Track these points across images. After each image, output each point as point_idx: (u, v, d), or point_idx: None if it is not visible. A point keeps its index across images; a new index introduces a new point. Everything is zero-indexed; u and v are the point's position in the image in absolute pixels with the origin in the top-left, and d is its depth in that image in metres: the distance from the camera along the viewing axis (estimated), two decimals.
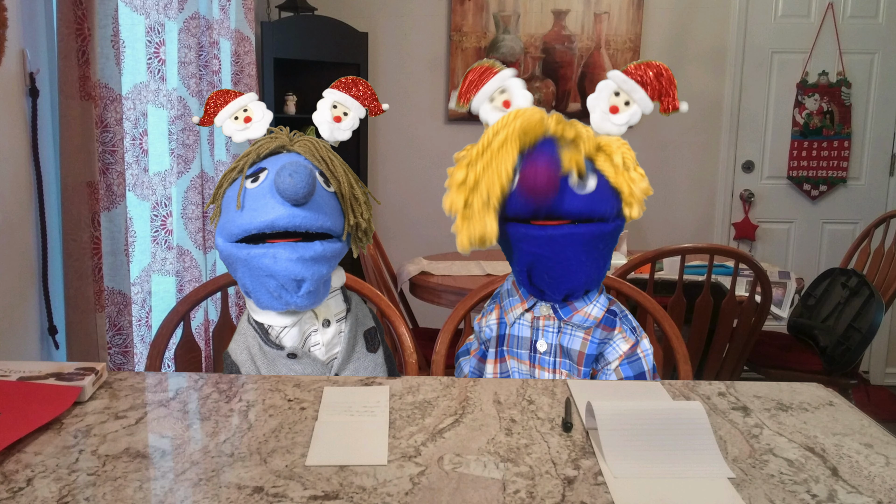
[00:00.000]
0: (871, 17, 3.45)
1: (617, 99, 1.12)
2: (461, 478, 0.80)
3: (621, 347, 1.18)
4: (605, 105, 1.12)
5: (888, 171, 3.56)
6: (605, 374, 1.18)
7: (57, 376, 1.01)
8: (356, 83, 1.25)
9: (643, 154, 4.15)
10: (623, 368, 1.18)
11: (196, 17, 2.08)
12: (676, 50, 3.50)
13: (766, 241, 3.65)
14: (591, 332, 1.17)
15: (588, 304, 1.17)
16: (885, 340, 3.63)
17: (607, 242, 1.12)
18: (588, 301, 1.18)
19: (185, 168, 2.05)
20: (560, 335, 1.18)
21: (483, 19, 3.44)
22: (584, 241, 1.09)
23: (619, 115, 1.12)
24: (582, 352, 1.17)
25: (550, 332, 1.19)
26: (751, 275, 2.17)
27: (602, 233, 1.10)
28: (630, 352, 1.18)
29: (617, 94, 1.12)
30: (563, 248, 1.09)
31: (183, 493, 0.76)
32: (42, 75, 1.53)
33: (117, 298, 1.67)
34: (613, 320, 1.19)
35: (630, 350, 1.18)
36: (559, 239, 1.08)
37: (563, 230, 1.08)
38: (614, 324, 1.18)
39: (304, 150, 1.14)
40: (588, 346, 1.17)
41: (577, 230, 1.08)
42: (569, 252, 1.09)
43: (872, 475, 0.82)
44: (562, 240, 1.08)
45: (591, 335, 1.17)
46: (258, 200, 1.07)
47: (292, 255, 1.06)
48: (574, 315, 1.17)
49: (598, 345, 1.17)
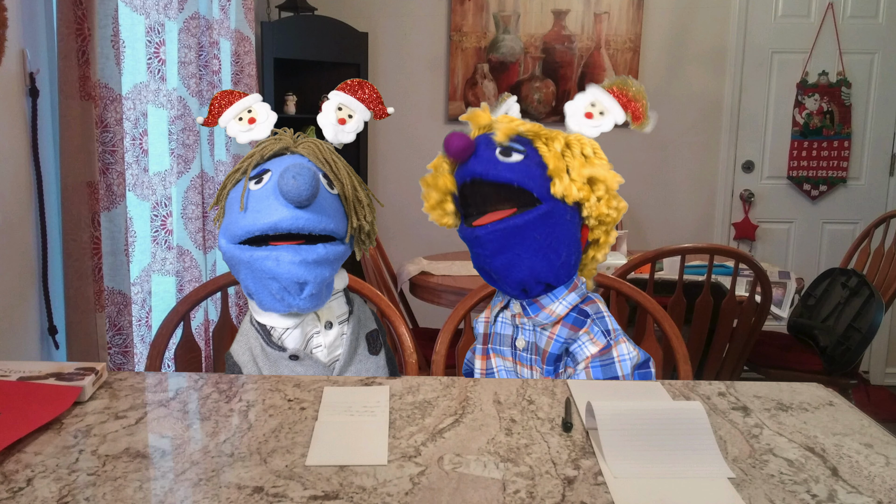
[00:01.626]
0: (871, 17, 3.45)
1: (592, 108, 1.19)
2: (461, 478, 0.80)
3: (588, 349, 1.16)
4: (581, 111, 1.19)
5: (888, 171, 3.56)
6: (576, 375, 1.17)
7: (57, 376, 1.01)
8: (362, 85, 1.24)
9: (643, 154, 4.13)
10: (594, 370, 1.15)
11: (196, 17, 2.08)
12: (676, 50, 3.50)
13: (766, 241, 3.65)
14: (557, 329, 1.17)
15: (554, 301, 1.17)
16: (885, 340, 3.63)
17: (544, 230, 1.11)
18: (554, 298, 1.17)
19: (185, 168, 2.05)
20: (534, 333, 1.20)
21: (483, 19, 3.44)
22: (509, 234, 1.11)
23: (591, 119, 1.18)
24: (546, 350, 1.17)
25: (528, 330, 1.20)
26: (751, 275, 2.17)
27: (528, 221, 1.10)
28: (600, 354, 1.16)
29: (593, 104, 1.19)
30: (491, 244, 1.13)
31: (183, 493, 0.76)
32: (42, 75, 1.53)
33: (117, 298, 1.67)
34: (583, 320, 1.17)
35: (600, 353, 1.16)
36: (484, 237, 1.12)
37: (486, 228, 1.12)
38: (582, 324, 1.17)
39: (308, 151, 1.14)
40: (552, 345, 1.16)
41: (498, 226, 1.11)
42: (498, 247, 1.12)
43: (872, 475, 0.82)
44: (487, 237, 1.12)
45: (556, 333, 1.17)
46: (261, 202, 1.07)
47: (295, 257, 1.06)
48: (540, 312, 1.17)
49: (563, 343, 1.16)
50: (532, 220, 1.10)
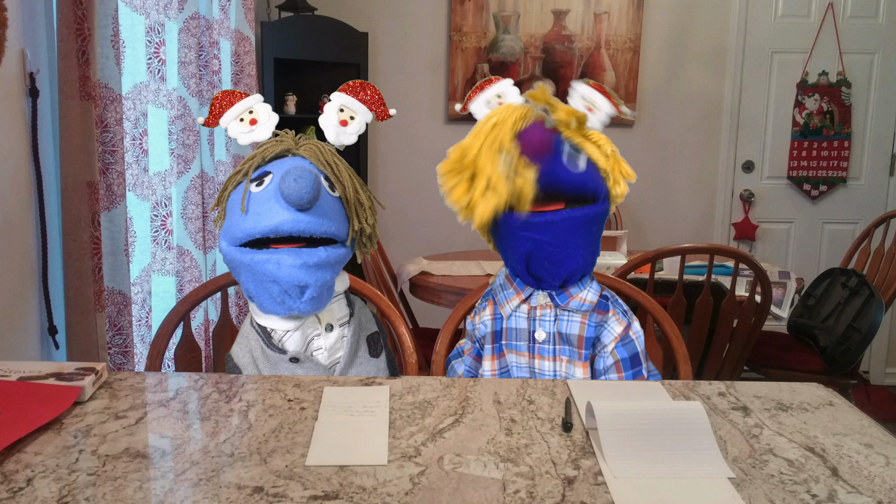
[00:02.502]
0: (871, 17, 3.45)
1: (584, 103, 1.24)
2: (461, 478, 0.80)
3: (616, 329, 1.22)
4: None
5: (888, 171, 3.56)
6: (602, 357, 1.23)
7: (57, 376, 1.01)
8: (364, 87, 1.24)
9: (643, 154, 4.13)
10: (619, 350, 1.22)
11: (196, 17, 2.08)
12: (676, 50, 3.50)
13: (766, 241, 3.65)
14: (588, 316, 1.22)
15: (583, 289, 1.22)
16: (885, 340, 3.62)
17: (599, 225, 1.19)
18: (583, 286, 1.22)
19: (185, 168, 2.05)
20: (557, 322, 1.22)
21: (483, 19, 3.44)
22: (581, 223, 1.15)
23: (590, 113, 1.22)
24: (581, 335, 1.21)
25: (548, 321, 1.22)
26: (751, 275, 2.17)
27: (595, 214, 1.16)
28: (624, 333, 1.23)
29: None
30: (563, 231, 1.14)
31: (183, 493, 0.76)
32: (42, 75, 1.53)
33: (117, 298, 1.67)
34: (606, 304, 1.24)
35: (623, 332, 1.23)
36: (559, 223, 1.14)
37: (562, 214, 1.14)
38: (607, 307, 1.23)
39: (310, 154, 1.14)
40: (586, 330, 1.21)
41: (574, 213, 1.14)
42: (567, 235, 1.15)
43: (872, 475, 0.82)
44: (562, 223, 1.14)
45: (587, 319, 1.22)
46: (263, 205, 1.07)
47: (296, 261, 1.06)
48: (571, 301, 1.21)
49: (595, 328, 1.22)
50: (598, 214, 1.17)
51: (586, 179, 1.14)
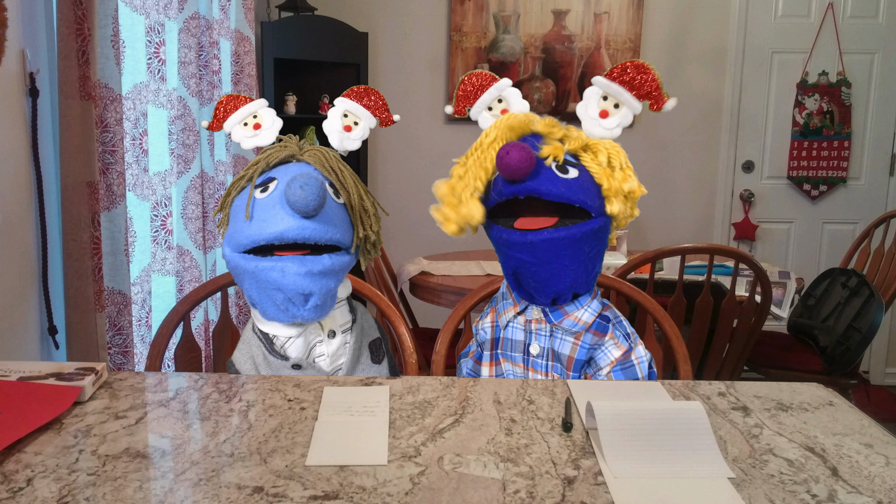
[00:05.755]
0: (871, 17, 3.45)
1: (605, 103, 1.13)
2: (461, 478, 0.80)
3: (612, 354, 1.16)
4: (594, 111, 1.13)
5: (888, 171, 3.56)
6: (597, 378, 1.17)
7: (57, 376, 1.01)
8: (368, 92, 1.23)
9: (643, 154, 4.13)
10: (615, 374, 1.16)
11: (196, 17, 2.08)
12: (676, 50, 3.50)
13: (766, 241, 3.65)
14: (582, 336, 1.16)
15: (579, 308, 1.16)
16: (885, 340, 3.63)
17: (592, 244, 1.11)
18: (579, 305, 1.16)
19: (185, 168, 2.05)
20: (552, 339, 1.17)
21: (483, 19, 3.44)
22: (566, 243, 1.08)
23: (609, 118, 1.12)
24: (571, 356, 1.16)
25: (543, 336, 1.18)
26: (751, 275, 2.17)
27: (583, 234, 1.08)
28: (623, 358, 1.16)
29: (605, 98, 1.13)
30: (543, 253, 1.08)
31: (183, 493, 0.76)
32: (42, 75, 1.53)
33: (117, 298, 1.67)
34: (606, 326, 1.17)
35: (623, 356, 1.16)
36: (539, 244, 1.07)
37: (542, 235, 1.07)
38: (606, 329, 1.17)
39: (314, 159, 1.13)
40: (578, 352, 1.16)
41: (555, 234, 1.07)
42: (549, 255, 1.08)
43: (872, 475, 0.82)
44: (542, 245, 1.07)
45: (581, 340, 1.16)
46: (267, 211, 1.06)
47: (301, 269, 1.05)
48: (564, 319, 1.16)
49: (588, 350, 1.16)
50: (587, 233, 1.08)
51: (572, 195, 1.06)
